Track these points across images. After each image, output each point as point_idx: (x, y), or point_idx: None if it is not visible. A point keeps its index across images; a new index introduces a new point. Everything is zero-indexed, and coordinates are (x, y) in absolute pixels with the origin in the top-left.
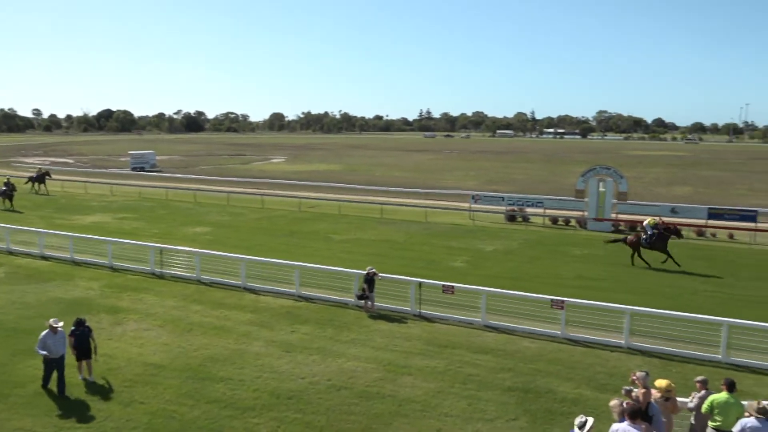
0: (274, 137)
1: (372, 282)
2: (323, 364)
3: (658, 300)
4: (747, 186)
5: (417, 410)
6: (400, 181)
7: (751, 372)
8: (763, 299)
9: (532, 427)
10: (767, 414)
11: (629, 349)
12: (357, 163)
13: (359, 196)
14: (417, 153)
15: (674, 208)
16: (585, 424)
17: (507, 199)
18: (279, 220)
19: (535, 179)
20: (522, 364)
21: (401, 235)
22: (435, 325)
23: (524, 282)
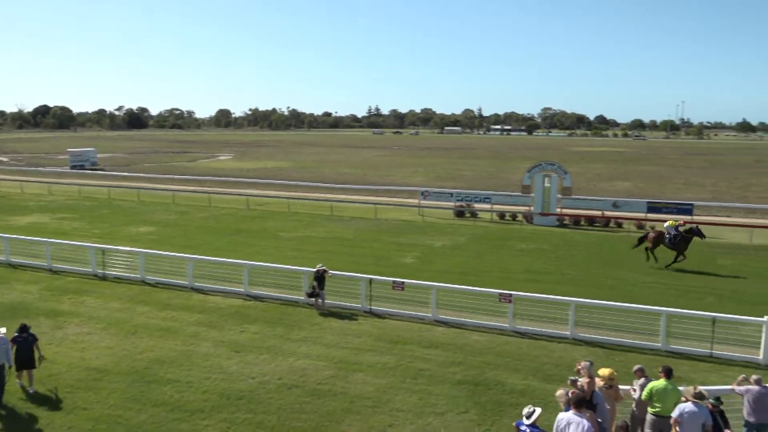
0: (220, 134)
1: (322, 279)
2: (273, 363)
3: (602, 292)
4: (683, 180)
5: (368, 406)
6: (350, 177)
7: (687, 359)
8: (697, 288)
9: (482, 419)
10: (703, 398)
11: (574, 339)
12: (306, 160)
13: (308, 194)
14: (366, 150)
15: (616, 202)
16: (532, 414)
17: (455, 195)
18: (226, 218)
19: (482, 175)
20: (471, 357)
21: (351, 232)
22: (386, 321)
23: (473, 276)
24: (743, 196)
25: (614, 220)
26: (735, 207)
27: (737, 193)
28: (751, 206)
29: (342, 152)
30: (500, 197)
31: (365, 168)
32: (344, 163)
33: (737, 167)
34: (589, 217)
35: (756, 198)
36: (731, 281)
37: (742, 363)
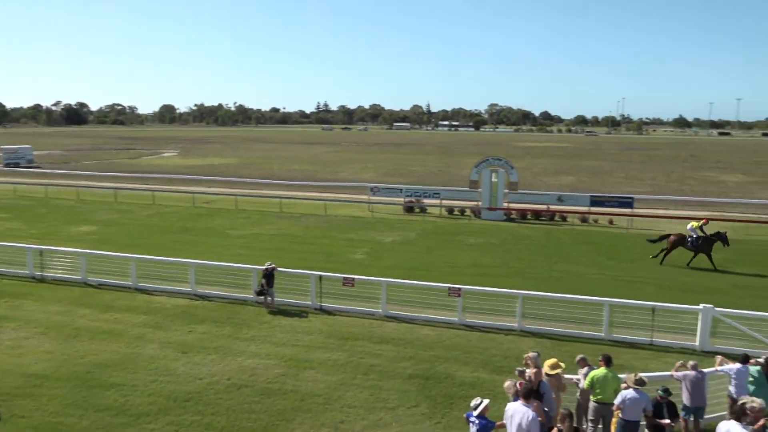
0: (165, 130)
1: (271, 277)
2: (222, 364)
3: (547, 284)
4: (624, 174)
5: (319, 404)
6: (299, 174)
7: (629, 347)
8: (638, 279)
9: (433, 412)
10: (643, 384)
11: (522, 331)
12: (254, 157)
13: (257, 190)
14: (315, 146)
15: (560, 196)
16: (479, 405)
17: (405, 190)
18: (172, 216)
19: (431, 171)
20: (422, 351)
21: (300, 228)
22: (336, 317)
23: (422, 271)
24: (680, 189)
25: (559, 213)
26: (672, 200)
27: (674, 187)
28: (687, 199)
29: (291, 148)
30: (449, 192)
31: (315, 164)
32: (293, 159)
33: (674, 161)
34: (535, 211)
35: (691, 191)
36: (670, 271)
37: (679, 350)
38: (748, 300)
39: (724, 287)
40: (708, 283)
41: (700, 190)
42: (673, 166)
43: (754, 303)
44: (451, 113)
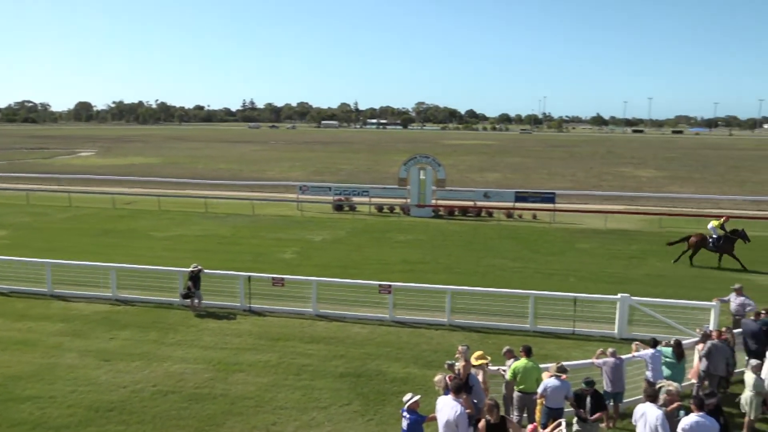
0: (81, 128)
1: (197, 279)
2: (147, 370)
3: (475, 278)
4: (546, 171)
5: (251, 407)
6: (225, 173)
7: (553, 337)
8: (560, 271)
9: (365, 410)
10: (565, 372)
11: (451, 326)
12: (178, 156)
13: (181, 191)
14: (242, 144)
15: (486, 192)
16: (410, 399)
17: (334, 189)
18: (90, 218)
19: (360, 169)
20: (353, 349)
21: (228, 229)
22: (266, 318)
23: (353, 269)
24: (598, 185)
25: (485, 209)
26: (591, 195)
27: (593, 182)
28: (605, 193)
29: (216, 147)
30: (378, 190)
31: (241, 163)
32: (219, 158)
33: (592, 158)
34: (463, 207)
35: (608, 186)
36: (590, 263)
37: (600, 338)
38: (660, 288)
39: (639, 277)
40: (624, 273)
41: (616, 185)
42: (592, 162)
43: (665, 291)
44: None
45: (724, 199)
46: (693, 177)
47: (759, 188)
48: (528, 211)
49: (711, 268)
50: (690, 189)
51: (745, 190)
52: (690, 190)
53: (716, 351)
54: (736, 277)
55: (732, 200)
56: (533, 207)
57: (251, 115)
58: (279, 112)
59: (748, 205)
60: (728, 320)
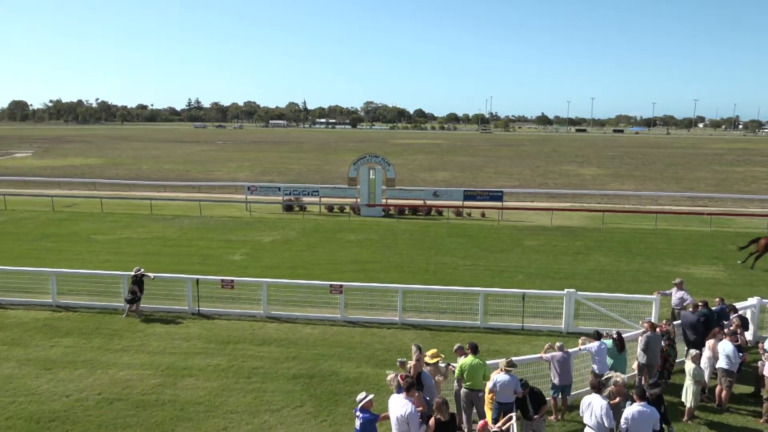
0: (16, 128)
1: (141, 283)
2: (91, 378)
3: (425, 276)
4: (494, 169)
5: (201, 411)
6: (171, 174)
7: (503, 333)
8: (509, 268)
9: (318, 411)
10: (514, 367)
11: (403, 324)
12: (120, 156)
13: (125, 192)
14: (187, 144)
15: (436, 191)
16: (363, 399)
17: (283, 189)
18: (27, 222)
19: (310, 169)
20: (305, 350)
21: (174, 230)
22: (215, 321)
23: (303, 270)
24: (544, 183)
25: (435, 208)
26: (538, 192)
27: (539, 180)
28: (551, 191)
29: (161, 147)
30: (328, 190)
31: (188, 163)
32: (164, 158)
33: (538, 157)
34: (413, 206)
35: (554, 183)
36: (537, 259)
37: (548, 332)
38: (604, 283)
39: (583, 272)
40: (570, 269)
41: (561, 183)
42: (538, 161)
43: (609, 285)
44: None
45: (663, 196)
46: (633, 174)
47: (694, 185)
48: (477, 209)
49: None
50: (631, 186)
51: (681, 187)
52: (631, 187)
53: (653, 342)
54: (674, 271)
55: (670, 196)
56: (482, 205)
57: (197, 115)
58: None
59: (684, 201)
60: (668, 313)
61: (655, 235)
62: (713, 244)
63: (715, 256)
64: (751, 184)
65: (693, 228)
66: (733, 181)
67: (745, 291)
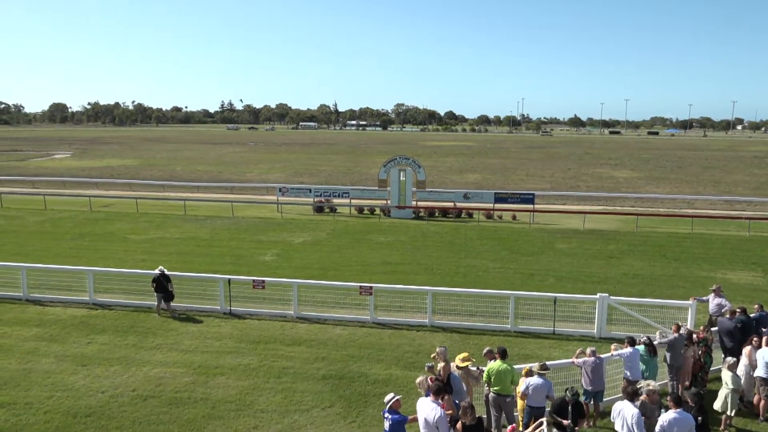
0: (56, 130)
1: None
2: (126, 375)
3: (455, 279)
4: (525, 172)
5: (231, 410)
6: (204, 175)
7: (534, 337)
8: (540, 271)
9: (347, 412)
10: (547, 370)
11: (432, 327)
12: (155, 158)
13: (159, 193)
14: (220, 146)
15: (467, 193)
16: (390, 399)
17: (314, 190)
18: (66, 222)
19: (340, 170)
20: (335, 351)
21: (207, 231)
22: (246, 321)
23: (334, 271)
24: (576, 186)
25: (465, 210)
26: (569, 195)
27: (571, 183)
28: (583, 194)
29: (195, 149)
30: (358, 192)
31: (220, 165)
32: (197, 160)
33: (570, 159)
34: (443, 208)
35: (586, 186)
36: (568, 263)
37: (579, 337)
38: (637, 288)
39: (616, 276)
40: (602, 273)
41: (594, 186)
42: (570, 163)
43: (643, 290)
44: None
45: (699, 199)
46: (668, 177)
47: (732, 188)
48: (507, 211)
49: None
50: (665, 189)
51: (718, 190)
52: (665, 190)
53: (676, 343)
54: (710, 276)
55: (706, 200)
56: (513, 208)
57: (230, 117)
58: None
59: (721, 205)
60: (704, 319)
61: (691, 239)
62: (752, 249)
63: (754, 262)
64: None
65: (731, 232)
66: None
67: None
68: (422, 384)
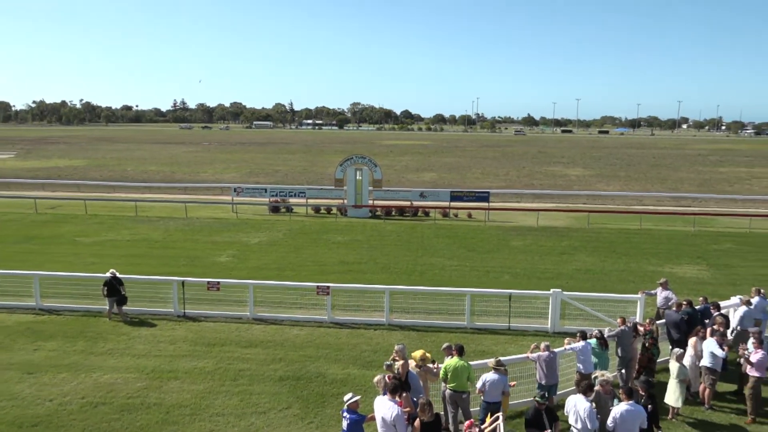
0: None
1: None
2: (75, 382)
3: (412, 278)
4: (480, 170)
5: (186, 415)
6: (156, 175)
7: (490, 333)
8: (495, 269)
9: (305, 413)
10: (503, 366)
11: (390, 325)
12: (105, 158)
13: (109, 194)
14: (173, 145)
15: (423, 192)
16: (350, 399)
17: (270, 190)
18: (10, 224)
19: (296, 170)
20: (292, 352)
21: (160, 233)
22: (201, 323)
23: (290, 271)
24: (530, 184)
25: (422, 209)
26: (524, 193)
27: (525, 181)
28: (537, 192)
29: (146, 148)
30: (314, 191)
31: (173, 165)
32: (149, 160)
33: (524, 157)
34: (399, 207)
35: (540, 184)
36: (523, 260)
37: (534, 332)
38: (589, 283)
39: (569, 272)
40: (556, 269)
41: (547, 184)
42: (524, 161)
43: (594, 285)
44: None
45: (647, 196)
46: (618, 175)
47: (678, 185)
48: (463, 210)
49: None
50: (616, 187)
51: (666, 187)
52: (616, 187)
53: (623, 336)
54: (658, 270)
55: (654, 197)
56: (468, 206)
57: (183, 116)
58: (212, 112)
59: (668, 202)
60: (653, 312)
61: (640, 235)
62: (697, 244)
63: (699, 256)
64: (734, 184)
65: (677, 228)
66: (716, 182)
67: (728, 290)
68: (380, 383)
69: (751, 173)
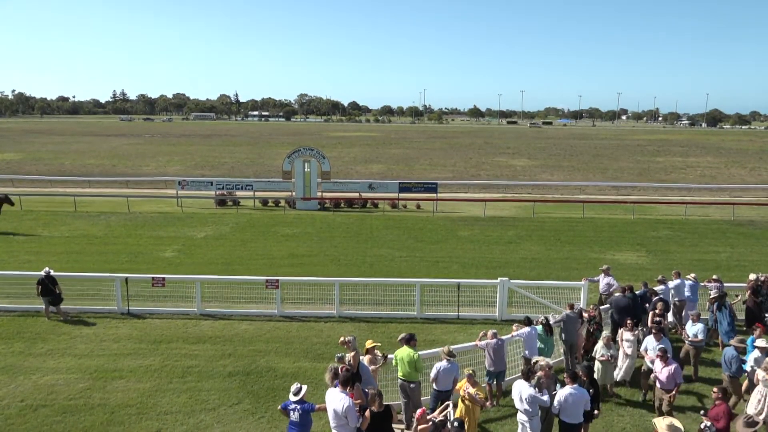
0: None
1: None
2: (13, 384)
3: (362, 269)
4: (428, 161)
5: (132, 414)
6: (96, 169)
7: (440, 322)
8: (444, 259)
9: (256, 408)
10: (453, 356)
11: (340, 317)
12: (40, 151)
13: (46, 188)
14: (113, 138)
15: (371, 184)
16: (300, 390)
17: (216, 183)
18: None
19: (243, 162)
20: (241, 347)
21: (101, 228)
22: (146, 321)
23: (238, 265)
24: (477, 174)
25: (371, 200)
26: (471, 184)
27: (472, 172)
28: (483, 182)
29: (85, 141)
30: (262, 184)
31: (114, 158)
32: (88, 153)
33: (471, 148)
34: (348, 199)
35: (486, 175)
36: (471, 249)
37: (483, 321)
38: (535, 271)
39: (516, 261)
40: (503, 258)
41: (494, 174)
42: (471, 152)
43: (540, 273)
44: (260, 103)
45: (589, 185)
46: (562, 165)
47: (618, 174)
48: (412, 201)
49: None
50: (559, 176)
51: (606, 177)
52: (559, 177)
53: (568, 322)
54: (600, 257)
55: (596, 186)
56: (417, 197)
57: (123, 107)
58: (154, 103)
59: (609, 191)
60: (596, 298)
61: (583, 223)
62: (636, 231)
63: (639, 243)
64: (670, 173)
65: (618, 216)
66: (654, 171)
67: (666, 275)
68: (330, 374)
69: (686, 162)
